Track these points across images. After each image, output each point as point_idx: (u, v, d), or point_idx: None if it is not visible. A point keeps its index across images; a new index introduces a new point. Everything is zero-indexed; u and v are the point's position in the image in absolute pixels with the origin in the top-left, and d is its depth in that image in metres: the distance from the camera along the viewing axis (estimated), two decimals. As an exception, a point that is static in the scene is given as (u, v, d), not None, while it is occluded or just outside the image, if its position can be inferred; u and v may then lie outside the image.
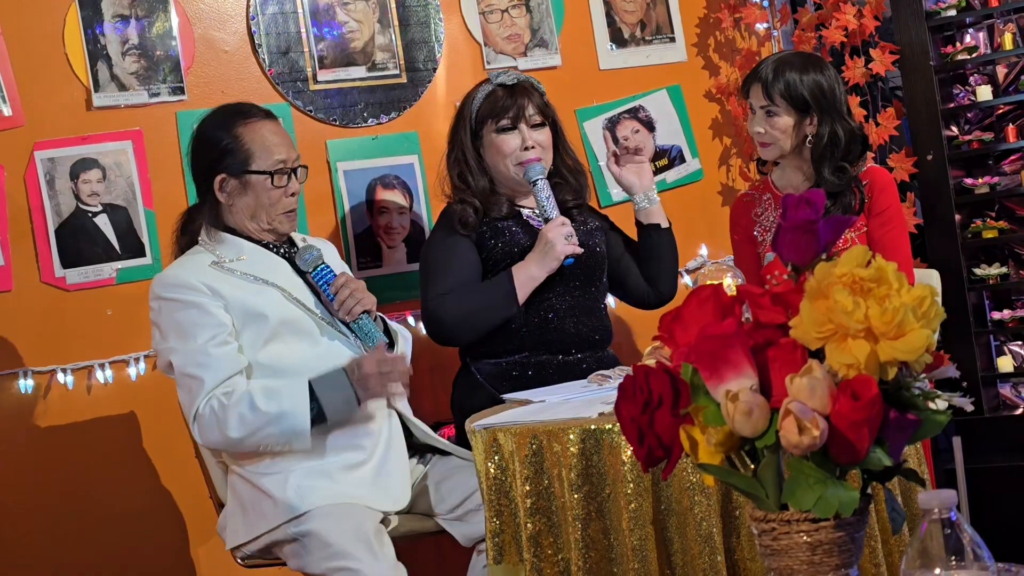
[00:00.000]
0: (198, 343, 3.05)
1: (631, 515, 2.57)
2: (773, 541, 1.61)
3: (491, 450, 2.77)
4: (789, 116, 3.48)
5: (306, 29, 4.02)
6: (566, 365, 3.55)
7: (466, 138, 3.62)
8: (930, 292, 1.54)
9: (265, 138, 3.21)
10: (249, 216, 3.22)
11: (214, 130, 3.25)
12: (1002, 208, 4.37)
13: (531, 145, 3.58)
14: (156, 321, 3.15)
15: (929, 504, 1.50)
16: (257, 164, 3.19)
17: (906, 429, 1.58)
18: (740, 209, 3.74)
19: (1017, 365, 4.31)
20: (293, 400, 3.03)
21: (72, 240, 3.74)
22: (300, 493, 3.06)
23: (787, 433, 1.52)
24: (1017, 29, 4.30)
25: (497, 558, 2.77)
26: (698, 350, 1.58)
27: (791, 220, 1.62)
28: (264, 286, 3.16)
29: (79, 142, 3.77)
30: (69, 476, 3.70)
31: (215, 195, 3.21)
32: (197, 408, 3.02)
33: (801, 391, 1.53)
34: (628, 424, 1.63)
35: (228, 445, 3.07)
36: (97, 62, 3.79)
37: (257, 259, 3.21)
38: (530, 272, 3.49)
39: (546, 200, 3.52)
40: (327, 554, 2.98)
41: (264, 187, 3.19)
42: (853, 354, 1.53)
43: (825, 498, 1.53)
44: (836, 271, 1.55)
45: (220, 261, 3.17)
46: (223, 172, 3.19)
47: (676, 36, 4.50)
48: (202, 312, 3.08)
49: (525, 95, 3.60)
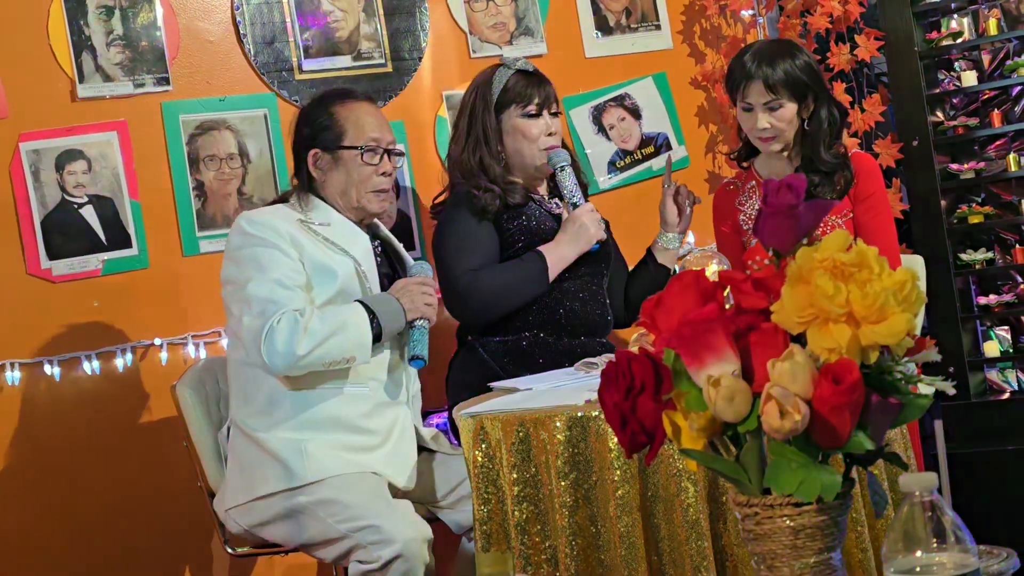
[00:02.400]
0: (276, 275, 3.12)
1: (618, 502, 2.58)
2: (756, 526, 1.62)
3: (478, 438, 2.78)
4: (792, 104, 3.49)
5: (291, 19, 4.01)
6: (571, 346, 3.56)
7: (490, 119, 3.63)
8: (911, 276, 1.54)
9: (360, 117, 3.35)
10: (340, 192, 3.33)
11: (313, 108, 3.39)
12: (988, 193, 4.38)
13: (554, 131, 3.63)
14: (233, 255, 3.21)
15: (910, 487, 1.51)
16: (349, 140, 3.32)
17: (888, 413, 1.58)
18: (724, 198, 3.74)
19: (1003, 350, 4.32)
20: (354, 314, 3.14)
21: (58, 232, 3.73)
22: (317, 461, 3.12)
23: (769, 418, 1.52)
24: (1002, 14, 4.30)
25: (485, 546, 2.77)
26: (680, 335, 1.59)
27: (772, 205, 1.62)
28: (341, 254, 3.25)
29: (64, 133, 3.76)
30: (56, 467, 3.70)
31: (309, 170, 3.33)
32: (271, 324, 3.05)
33: (783, 376, 1.53)
34: (611, 410, 1.63)
35: (292, 362, 3.07)
36: (82, 53, 3.78)
37: (341, 228, 3.31)
38: (563, 252, 3.55)
39: (573, 186, 3.59)
40: (346, 516, 3.03)
41: (355, 163, 3.31)
42: (834, 338, 1.53)
43: (807, 482, 1.54)
44: (817, 256, 1.55)
45: (307, 221, 3.26)
46: (317, 147, 3.32)
47: (661, 23, 4.50)
48: (283, 254, 3.16)
49: (547, 83, 3.67)
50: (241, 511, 3.20)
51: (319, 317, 3.08)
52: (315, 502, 3.09)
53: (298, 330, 3.04)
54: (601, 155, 4.37)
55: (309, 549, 3.17)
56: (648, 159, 4.43)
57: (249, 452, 3.18)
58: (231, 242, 3.23)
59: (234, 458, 3.25)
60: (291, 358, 3.05)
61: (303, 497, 3.10)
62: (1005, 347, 4.33)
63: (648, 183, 4.42)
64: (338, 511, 3.05)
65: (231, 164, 3.94)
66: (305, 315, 3.07)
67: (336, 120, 3.33)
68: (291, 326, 3.04)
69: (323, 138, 3.32)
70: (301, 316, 3.06)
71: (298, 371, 3.10)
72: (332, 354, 3.10)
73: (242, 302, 3.12)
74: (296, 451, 3.13)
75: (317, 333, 3.06)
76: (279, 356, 3.05)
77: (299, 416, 3.16)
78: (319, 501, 3.08)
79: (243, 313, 3.11)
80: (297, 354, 3.05)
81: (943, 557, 1.49)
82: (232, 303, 3.17)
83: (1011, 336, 4.34)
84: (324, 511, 3.07)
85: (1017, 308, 4.26)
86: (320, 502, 3.08)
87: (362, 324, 3.13)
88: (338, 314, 3.12)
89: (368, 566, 2.97)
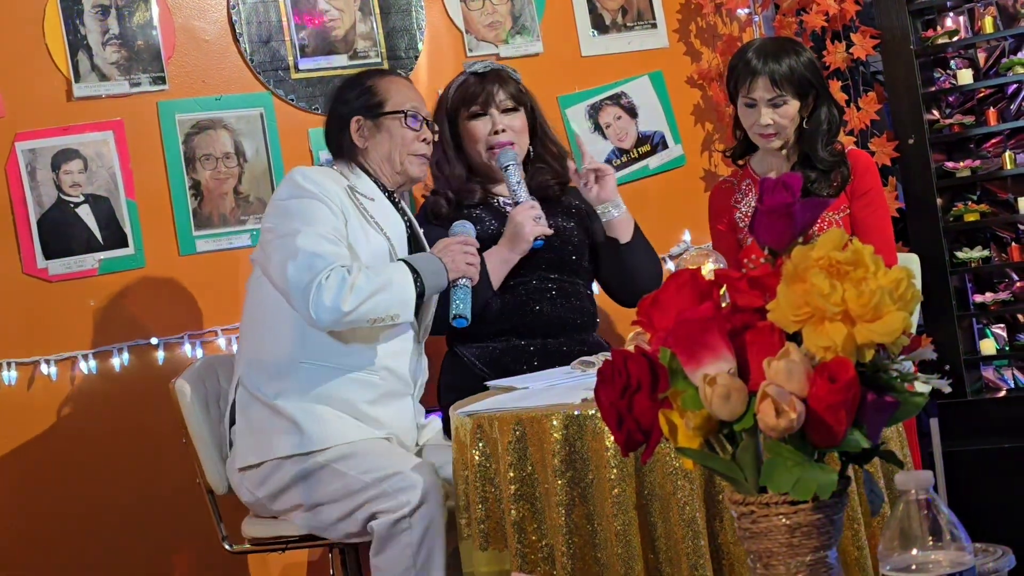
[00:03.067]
0: (324, 229, 3.15)
1: (614, 500, 2.58)
2: (752, 524, 1.62)
3: (475, 437, 2.78)
4: (795, 101, 3.50)
5: (287, 17, 4.01)
6: (549, 348, 3.57)
7: (444, 127, 3.66)
8: (906, 274, 1.55)
9: (399, 87, 3.42)
10: (384, 157, 3.37)
11: (350, 83, 3.44)
12: (983, 191, 4.37)
13: (501, 129, 3.62)
14: (281, 204, 3.22)
15: (906, 485, 1.51)
16: (391, 106, 3.36)
17: (884, 411, 1.58)
18: (719, 197, 3.74)
19: (999, 348, 4.32)
20: (398, 272, 3.18)
21: (54, 231, 3.73)
22: (332, 426, 3.17)
23: (765, 416, 1.53)
24: (998, 12, 4.30)
25: (483, 545, 2.78)
26: (676, 334, 1.59)
27: (768, 204, 1.62)
28: (378, 232, 3.28)
29: (60, 133, 3.76)
30: (53, 466, 3.70)
31: (351, 139, 3.36)
32: (319, 279, 3.06)
33: (778, 374, 1.53)
34: (607, 408, 1.63)
35: (338, 317, 3.08)
36: (78, 52, 3.78)
37: (382, 207, 3.34)
38: (501, 255, 3.53)
39: (516, 184, 3.56)
40: (368, 466, 3.07)
41: (398, 128, 3.36)
42: (830, 337, 1.54)
43: (803, 480, 1.54)
44: (813, 254, 1.56)
45: (354, 189, 3.30)
46: (359, 114, 3.35)
47: (657, 22, 4.50)
48: (332, 213, 3.19)
49: (496, 81, 3.67)
50: (255, 480, 3.21)
51: (365, 274, 3.10)
52: (334, 458, 3.12)
53: (345, 286, 3.06)
54: (597, 154, 4.36)
55: (322, 513, 3.16)
56: (644, 158, 4.43)
57: (262, 415, 3.20)
58: (280, 192, 3.25)
59: (245, 419, 3.25)
60: (337, 313, 3.07)
61: (320, 457, 3.14)
62: (1001, 345, 4.33)
63: (644, 182, 4.42)
64: (358, 463, 3.09)
65: (227, 163, 3.95)
66: (352, 272, 3.08)
67: (377, 89, 3.38)
68: (339, 282, 3.06)
69: (366, 106, 3.37)
70: (349, 273, 3.08)
71: (342, 327, 3.13)
72: (377, 311, 3.11)
73: (287, 252, 3.11)
74: (311, 417, 3.16)
75: (363, 290, 3.07)
76: (326, 311, 3.06)
77: (309, 389, 3.19)
78: (338, 457, 3.12)
79: (287, 263, 3.10)
80: (343, 310, 3.06)
81: (939, 555, 1.50)
82: (275, 251, 3.16)
83: (1007, 334, 4.34)
84: (344, 465, 3.10)
85: (1013, 306, 4.27)
86: (339, 457, 3.12)
87: (406, 282, 3.16)
88: (383, 272, 3.15)
89: (395, 515, 3.00)
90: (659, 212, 4.38)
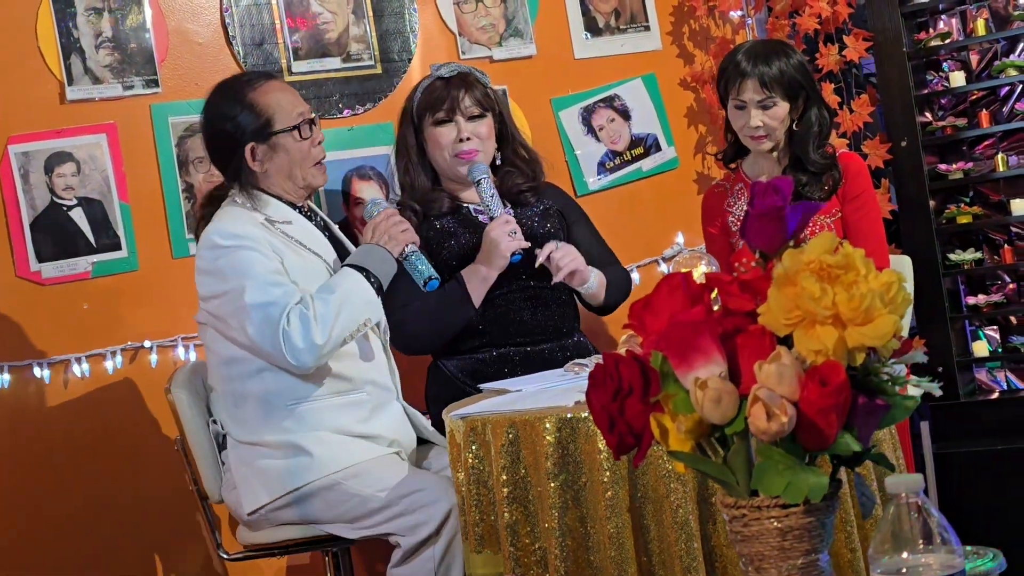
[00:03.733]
0: (266, 273, 3.10)
1: (607, 503, 2.58)
2: (743, 527, 1.62)
3: (468, 440, 2.78)
4: (785, 103, 3.51)
5: (280, 20, 4.01)
6: (531, 355, 3.57)
7: (408, 133, 3.67)
8: (897, 278, 1.55)
9: (279, 97, 3.28)
10: (286, 176, 3.28)
11: (226, 106, 3.28)
12: (976, 193, 4.38)
13: (466, 137, 3.59)
14: (211, 268, 3.16)
15: (896, 488, 1.51)
16: (280, 124, 3.24)
17: (875, 414, 1.59)
18: (712, 200, 3.75)
19: (992, 350, 4.33)
20: (349, 280, 3.15)
21: (47, 234, 3.73)
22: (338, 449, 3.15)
23: (756, 420, 1.53)
24: (990, 14, 4.31)
25: (478, 547, 2.78)
26: (667, 337, 1.59)
27: (759, 207, 1.63)
28: (312, 255, 3.24)
29: (53, 136, 3.76)
30: (46, 470, 3.69)
31: (248, 166, 3.24)
32: (282, 326, 3.03)
33: (769, 378, 1.54)
34: (599, 412, 1.64)
35: (317, 354, 3.07)
36: (70, 55, 3.78)
37: (301, 227, 3.28)
38: (480, 274, 3.51)
39: (490, 199, 3.54)
40: (385, 484, 3.07)
41: (293, 143, 3.25)
42: (821, 340, 1.54)
43: (794, 484, 1.54)
44: (803, 258, 1.56)
45: (270, 220, 3.22)
46: (251, 141, 3.23)
47: (651, 24, 4.50)
48: (263, 256, 3.12)
49: (462, 86, 3.63)
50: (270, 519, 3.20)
51: (320, 299, 3.07)
52: (349, 476, 3.11)
53: (309, 321, 3.04)
54: (590, 156, 4.37)
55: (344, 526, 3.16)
56: (637, 160, 4.43)
57: (264, 456, 3.17)
58: (204, 259, 3.18)
59: (244, 466, 3.21)
60: (314, 350, 3.05)
61: (333, 478, 3.12)
62: (994, 347, 4.34)
63: (638, 184, 4.42)
64: (376, 481, 3.09)
65: (221, 166, 3.93)
66: (308, 304, 3.06)
67: (258, 108, 3.24)
68: (301, 320, 3.04)
69: (253, 130, 3.24)
70: (307, 308, 3.05)
71: (324, 359, 3.11)
72: (349, 327, 3.11)
73: (240, 314, 3.08)
74: (317, 442, 3.14)
75: (327, 315, 3.05)
76: (302, 352, 3.05)
77: (305, 426, 3.16)
78: (353, 475, 3.11)
79: (245, 325, 3.08)
80: (318, 343, 3.05)
81: (929, 558, 1.50)
82: (229, 316, 3.13)
83: (1000, 336, 4.35)
84: (359, 484, 3.09)
85: (1006, 308, 4.28)
86: (354, 475, 3.11)
87: (360, 285, 3.14)
88: (335, 287, 3.12)
89: (420, 534, 3.01)
90: (652, 215, 4.39)
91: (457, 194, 3.69)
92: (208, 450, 3.36)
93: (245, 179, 3.27)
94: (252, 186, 3.27)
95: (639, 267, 4.32)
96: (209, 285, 3.17)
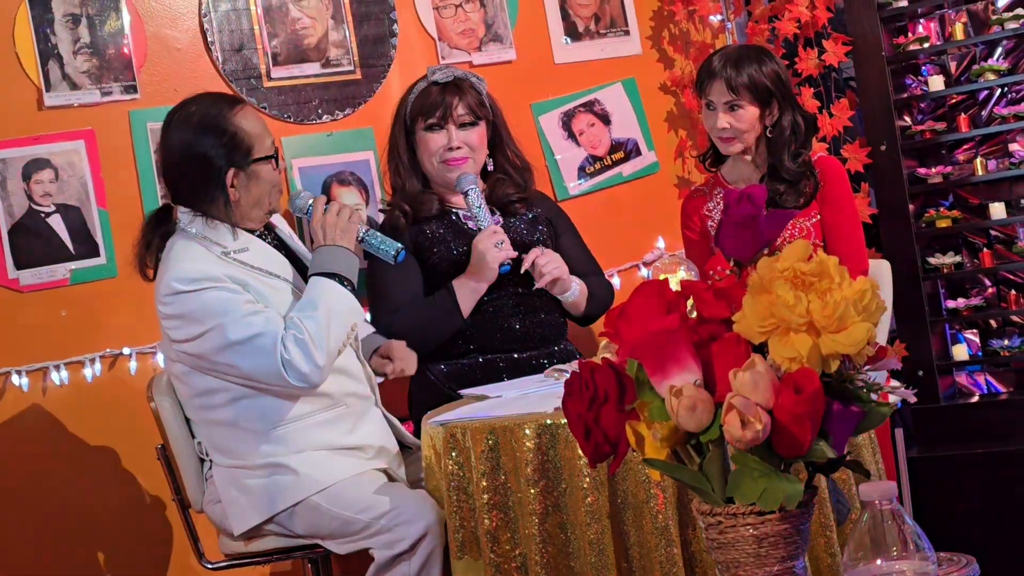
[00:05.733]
0: (240, 307, 3.02)
1: (587, 509, 2.59)
2: (720, 534, 1.63)
3: (448, 447, 2.78)
4: (754, 108, 3.52)
5: (259, 26, 4.00)
6: (518, 362, 3.57)
7: (400, 136, 3.67)
8: (871, 286, 1.56)
9: (254, 124, 3.18)
10: (255, 203, 3.18)
11: (207, 125, 3.13)
12: (955, 197, 4.40)
13: (457, 145, 3.59)
14: (180, 313, 3.05)
15: (870, 496, 1.52)
16: (258, 152, 3.16)
17: (849, 421, 1.59)
18: (692, 205, 3.75)
19: (972, 353, 4.34)
20: (322, 290, 3.10)
21: (25, 241, 3.71)
22: (329, 466, 3.12)
23: (730, 427, 1.53)
24: (968, 19, 4.32)
25: (459, 553, 2.79)
26: (642, 346, 1.59)
27: (733, 216, 1.63)
28: (273, 278, 3.17)
29: (31, 142, 3.74)
30: (24, 478, 3.68)
31: (227, 193, 3.12)
32: (280, 355, 2.99)
33: (744, 386, 1.54)
34: (575, 420, 1.64)
35: (321, 374, 3.04)
36: (48, 61, 3.76)
37: (259, 251, 3.19)
38: (469, 286, 3.52)
39: (477, 210, 3.53)
40: (365, 505, 3.05)
41: (269, 172, 3.17)
42: (795, 348, 1.54)
43: (769, 491, 1.54)
44: (778, 266, 1.56)
45: (228, 251, 3.12)
46: (232, 167, 3.12)
47: (630, 29, 4.50)
48: (233, 292, 3.04)
49: (456, 93, 3.62)
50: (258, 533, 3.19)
51: (307, 318, 3.04)
52: (330, 499, 3.09)
53: (306, 345, 3.00)
54: (570, 161, 4.37)
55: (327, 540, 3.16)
56: (618, 165, 4.43)
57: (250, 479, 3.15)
58: (169, 303, 3.06)
59: (233, 489, 3.18)
60: (319, 371, 3.03)
61: (316, 499, 3.10)
62: (973, 351, 4.35)
63: (618, 188, 4.42)
64: (355, 502, 3.06)
65: (199, 172, 3.91)
66: (300, 328, 3.02)
67: (240, 135, 3.12)
68: (298, 345, 3.00)
69: (235, 157, 3.12)
70: (299, 332, 3.01)
71: (327, 375, 3.08)
72: (340, 338, 3.09)
73: (225, 352, 3.03)
74: (303, 461, 3.12)
75: (319, 334, 3.02)
76: (309, 376, 3.02)
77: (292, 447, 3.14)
78: (333, 498, 3.08)
79: (235, 361, 3.03)
80: (320, 364, 3.02)
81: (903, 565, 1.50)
82: (212, 355, 3.06)
83: (979, 340, 4.36)
84: (339, 505, 3.07)
85: (985, 312, 4.29)
86: (334, 498, 3.08)
87: (339, 293, 3.10)
88: (313, 304, 3.07)
89: (396, 549, 2.99)
90: (632, 219, 4.39)
91: (447, 198, 3.69)
92: (191, 458, 3.33)
93: (214, 206, 3.14)
94: (212, 215, 3.15)
95: (620, 272, 4.32)
96: (182, 329, 3.08)
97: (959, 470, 4.10)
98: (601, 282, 3.79)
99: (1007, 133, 4.30)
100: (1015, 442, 4.07)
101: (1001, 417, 4.18)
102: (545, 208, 3.80)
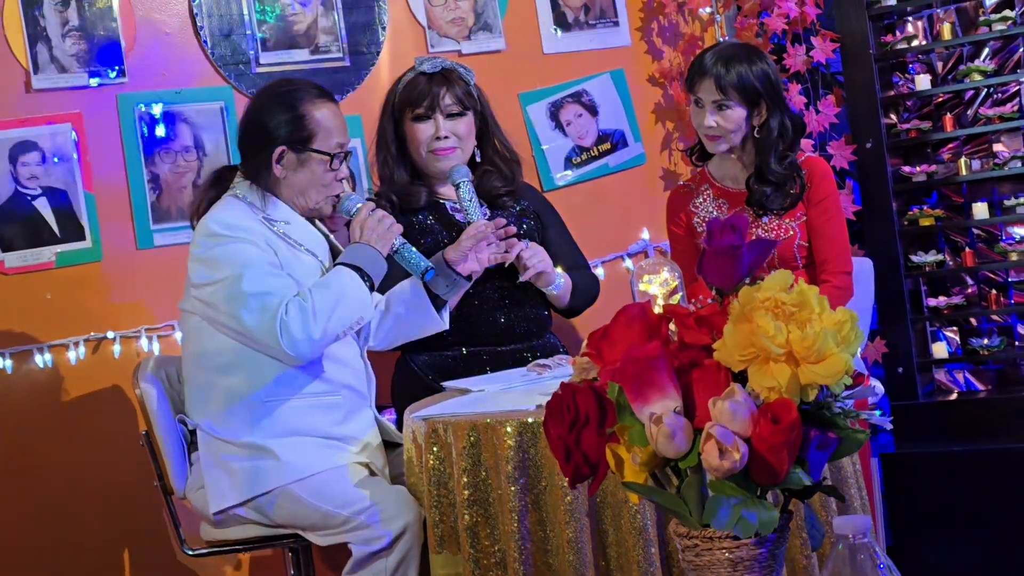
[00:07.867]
0: (262, 266, 3.09)
1: (567, 507, 2.61)
2: (696, 557, 1.65)
3: (430, 441, 2.80)
4: (742, 108, 3.50)
5: (248, 11, 4.00)
6: (501, 355, 3.58)
7: (388, 126, 3.66)
8: (850, 317, 1.57)
9: (329, 120, 3.25)
10: (299, 192, 3.25)
11: (280, 102, 3.25)
12: (939, 196, 4.42)
13: (444, 135, 3.60)
14: (206, 256, 3.13)
15: (843, 530, 1.54)
16: (318, 143, 3.22)
17: (826, 448, 1.61)
18: (678, 201, 3.75)
19: (952, 351, 4.38)
20: (345, 278, 3.14)
21: (11, 224, 3.72)
22: (312, 455, 3.14)
23: (708, 457, 1.55)
24: (956, 18, 4.34)
25: (438, 548, 2.81)
26: (624, 372, 1.61)
27: (716, 245, 1.64)
28: (308, 255, 3.23)
29: (18, 125, 3.74)
30: (6, 461, 3.69)
31: (271, 167, 3.21)
32: (280, 316, 3.03)
33: (723, 415, 1.56)
34: (555, 442, 1.66)
35: (312, 346, 3.08)
36: (37, 44, 3.76)
37: (301, 228, 3.26)
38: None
39: (468, 203, 3.53)
40: (345, 500, 3.07)
41: (321, 167, 3.23)
42: (775, 377, 1.56)
43: (744, 521, 1.57)
44: (759, 295, 1.58)
45: (269, 219, 3.20)
46: (284, 144, 3.21)
47: (620, 20, 4.50)
48: (260, 249, 3.12)
49: (444, 83, 3.62)
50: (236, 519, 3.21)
51: (318, 294, 3.08)
52: (310, 491, 3.11)
53: (307, 314, 3.04)
54: (558, 151, 4.37)
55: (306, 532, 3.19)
56: (604, 156, 4.44)
57: (235, 455, 3.17)
58: (201, 245, 3.16)
59: (216, 463, 3.20)
60: (310, 342, 3.06)
61: (296, 488, 3.12)
62: (953, 348, 4.38)
63: (605, 179, 4.43)
64: (335, 496, 3.08)
65: (186, 157, 3.93)
66: (307, 297, 3.07)
67: (307, 120, 3.22)
68: (300, 312, 3.04)
69: (292, 137, 3.21)
70: (304, 301, 3.06)
71: (317, 353, 3.12)
72: (343, 323, 3.11)
73: (235, 300, 3.07)
74: (288, 447, 3.14)
75: (323, 311, 3.06)
76: (300, 344, 3.05)
77: (280, 424, 3.16)
78: (313, 490, 3.11)
79: (240, 311, 3.06)
80: (314, 338, 3.05)
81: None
82: (221, 302, 3.10)
83: (960, 338, 4.39)
84: (319, 498, 3.10)
85: (966, 310, 4.32)
86: (315, 491, 3.11)
87: (356, 283, 3.14)
88: (331, 284, 3.12)
89: (374, 546, 3.01)
90: (618, 210, 4.40)
91: (435, 189, 3.69)
92: (175, 444, 3.34)
93: (262, 178, 3.23)
94: (264, 187, 3.24)
95: (604, 263, 4.33)
96: (203, 273, 3.15)
97: (936, 467, 4.14)
98: (586, 275, 3.80)
99: (992, 134, 4.33)
100: (992, 440, 4.10)
101: (979, 415, 4.22)
102: (532, 201, 3.80)
